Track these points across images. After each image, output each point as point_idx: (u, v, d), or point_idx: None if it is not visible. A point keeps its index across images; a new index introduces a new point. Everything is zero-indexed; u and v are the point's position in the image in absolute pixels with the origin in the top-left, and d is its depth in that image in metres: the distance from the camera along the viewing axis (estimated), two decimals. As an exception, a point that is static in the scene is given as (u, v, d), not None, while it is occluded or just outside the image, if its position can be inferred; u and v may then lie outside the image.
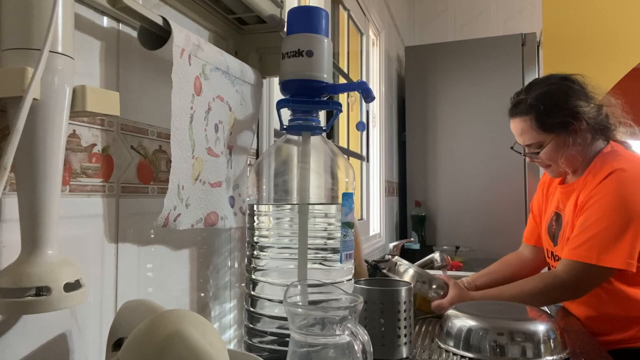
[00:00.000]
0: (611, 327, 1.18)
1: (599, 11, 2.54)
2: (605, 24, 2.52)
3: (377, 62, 2.27)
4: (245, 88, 0.84)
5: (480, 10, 3.15)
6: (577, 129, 1.18)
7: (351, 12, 1.90)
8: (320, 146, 0.79)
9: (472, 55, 2.50)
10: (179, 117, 0.65)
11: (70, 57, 0.48)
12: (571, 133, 1.18)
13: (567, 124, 1.18)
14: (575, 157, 1.21)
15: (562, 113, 1.18)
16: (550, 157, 1.22)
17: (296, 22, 0.78)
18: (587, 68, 2.52)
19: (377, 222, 2.21)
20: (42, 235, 0.46)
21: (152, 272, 0.70)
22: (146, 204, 0.69)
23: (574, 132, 1.18)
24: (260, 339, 0.74)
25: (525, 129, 1.22)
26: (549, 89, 1.21)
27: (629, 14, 2.50)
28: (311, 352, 0.56)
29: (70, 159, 0.56)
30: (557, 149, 1.20)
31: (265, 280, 0.75)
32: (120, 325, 0.54)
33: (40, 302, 0.45)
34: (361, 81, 0.79)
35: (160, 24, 0.63)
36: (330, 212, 0.76)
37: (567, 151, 1.20)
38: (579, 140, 1.19)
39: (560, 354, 0.84)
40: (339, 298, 0.63)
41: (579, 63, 2.55)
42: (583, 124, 1.18)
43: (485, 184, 2.43)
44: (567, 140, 1.19)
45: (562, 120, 1.18)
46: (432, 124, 2.56)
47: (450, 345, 0.88)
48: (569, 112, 1.18)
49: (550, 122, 1.18)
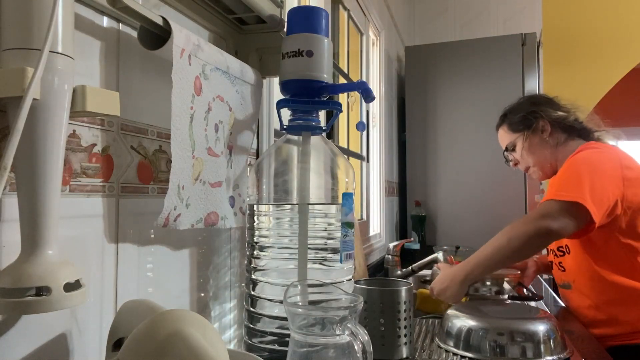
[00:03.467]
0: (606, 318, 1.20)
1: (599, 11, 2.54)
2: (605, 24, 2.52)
3: (377, 62, 2.27)
4: (245, 88, 0.84)
5: (480, 10, 3.15)
6: (541, 127, 1.34)
7: (351, 12, 1.90)
8: (320, 146, 0.79)
9: (472, 55, 2.50)
10: (179, 117, 0.65)
11: (70, 57, 0.48)
12: (536, 131, 1.34)
13: (528, 121, 1.35)
14: (544, 156, 1.34)
15: (523, 111, 1.37)
16: (522, 156, 1.38)
17: (296, 22, 0.78)
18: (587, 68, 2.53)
19: (377, 222, 2.21)
20: (42, 235, 0.46)
21: (152, 272, 0.70)
22: (146, 204, 0.69)
23: (539, 130, 1.34)
24: (260, 339, 0.74)
25: (502, 135, 1.44)
26: (518, 100, 1.44)
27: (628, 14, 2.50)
28: (311, 352, 0.56)
29: (70, 159, 0.56)
30: (525, 147, 1.36)
31: (265, 280, 0.75)
32: (120, 325, 0.54)
33: (40, 302, 0.45)
34: (361, 81, 0.79)
35: (160, 24, 0.63)
36: (330, 212, 0.76)
37: (535, 149, 1.35)
38: (548, 140, 1.34)
39: (560, 354, 0.84)
40: (339, 298, 0.63)
41: (579, 63, 2.56)
42: (544, 122, 1.33)
43: (486, 184, 2.43)
44: (532, 138, 1.35)
45: (523, 117, 1.36)
46: (432, 124, 2.55)
47: (450, 345, 0.88)
48: (530, 111, 1.36)
49: (515, 121, 1.38)
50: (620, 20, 2.51)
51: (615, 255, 1.18)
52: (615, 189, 1.15)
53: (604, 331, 1.20)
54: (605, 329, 1.20)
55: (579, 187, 1.13)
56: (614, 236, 1.18)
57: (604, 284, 1.19)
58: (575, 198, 1.10)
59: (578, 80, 2.53)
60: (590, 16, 2.55)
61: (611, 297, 1.19)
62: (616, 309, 1.18)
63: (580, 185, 1.13)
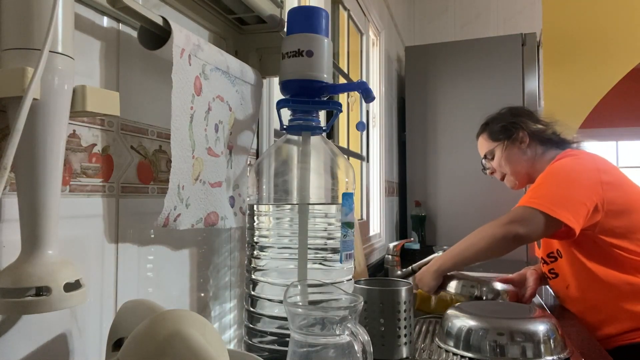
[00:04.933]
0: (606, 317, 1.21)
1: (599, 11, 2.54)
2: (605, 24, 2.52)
3: (377, 62, 2.27)
4: (245, 88, 0.84)
5: (480, 10, 3.15)
6: (519, 138, 1.37)
7: (351, 12, 1.90)
8: (320, 146, 0.79)
9: (472, 55, 2.50)
10: (179, 117, 0.65)
11: (70, 57, 0.48)
12: (515, 141, 1.38)
13: (508, 131, 1.38)
14: (521, 166, 1.38)
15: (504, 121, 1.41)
16: (500, 165, 1.41)
17: (296, 22, 0.78)
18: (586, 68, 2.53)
19: (377, 222, 2.21)
20: (42, 235, 0.46)
21: (152, 272, 0.70)
22: (146, 204, 0.69)
23: (518, 140, 1.37)
24: (260, 339, 0.74)
25: (481, 143, 1.48)
26: (500, 111, 1.47)
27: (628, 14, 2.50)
28: (311, 352, 0.56)
29: (70, 159, 0.56)
30: (503, 156, 1.40)
31: (265, 280, 0.75)
32: (120, 325, 0.54)
33: (40, 302, 0.45)
34: (361, 81, 0.79)
35: (160, 24, 0.63)
36: (330, 212, 0.76)
37: (513, 159, 1.38)
38: (527, 151, 1.37)
39: (560, 354, 0.84)
40: (339, 298, 0.63)
41: (579, 63, 2.56)
42: (523, 133, 1.37)
43: (485, 184, 2.42)
44: (511, 148, 1.38)
45: (504, 127, 1.39)
46: (432, 124, 2.55)
47: (450, 345, 0.88)
48: (510, 121, 1.40)
49: (496, 130, 1.41)
50: (620, 21, 2.51)
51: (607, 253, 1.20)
52: (593, 195, 1.18)
53: (606, 331, 1.20)
54: (607, 329, 1.20)
55: (552, 195, 1.17)
56: (599, 238, 1.20)
57: (600, 283, 1.20)
58: (544, 207, 1.14)
59: (578, 80, 2.53)
60: (590, 16, 2.55)
61: (609, 295, 1.19)
62: (615, 307, 1.19)
63: (553, 194, 1.17)
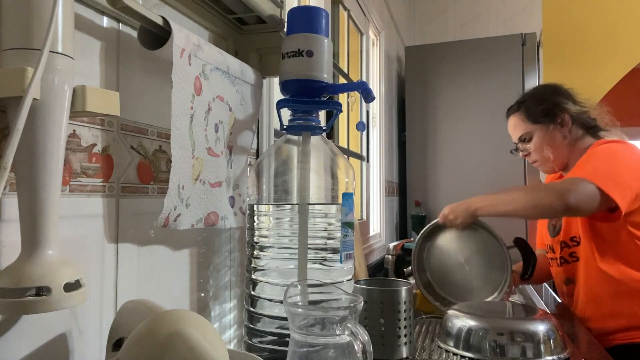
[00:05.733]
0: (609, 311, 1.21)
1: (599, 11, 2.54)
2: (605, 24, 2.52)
3: (377, 62, 2.27)
4: (245, 88, 0.84)
5: (480, 10, 3.15)
6: (561, 120, 1.30)
7: (351, 12, 1.90)
8: (320, 146, 0.79)
9: (472, 55, 2.50)
10: (179, 117, 0.65)
11: (70, 57, 0.48)
12: (557, 124, 1.30)
13: (551, 114, 1.31)
14: (562, 150, 1.31)
15: (546, 103, 1.32)
16: (537, 148, 1.33)
17: (296, 22, 0.78)
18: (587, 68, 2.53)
19: (377, 222, 2.21)
20: (42, 235, 0.46)
21: (152, 272, 0.70)
22: (146, 204, 0.69)
23: (560, 124, 1.30)
24: (260, 339, 0.74)
25: (516, 123, 1.36)
26: (538, 89, 1.39)
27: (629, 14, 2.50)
28: (311, 352, 0.56)
29: (70, 159, 0.56)
30: (545, 140, 1.32)
31: (265, 281, 0.75)
32: (120, 325, 0.54)
33: (40, 302, 0.45)
34: (361, 81, 0.79)
35: (160, 24, 0.63)
36: (330, 212, 0.76)
37: (555, 142, 1.31)
38: (567, 134, 1.31)
39: (560, 354, 0.84)
40: (339, 298, 0.63)
41: (579, 63, 2.56)
42: (567, 117, 1.30)
43: (486, 184, 2.42)
44: (553, 131, 1.31)
45: (546, 109, 1.31)
46: (432, 124, 2.55)
47: (450, 345, 0.88)
48: (553, 103, 1.31)
49: (537, 111, 1.32)
50: (621, 20, 2.51)
51: (625, 247, 1.19)
52: (636, 181, 1.17)
53: (605, 325, 1.20)
54: (607, 323, 1.20)
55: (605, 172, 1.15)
56: (626, 228, 1.19)
57: (610, 277, 1.20)
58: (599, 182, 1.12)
59: (578, 81, 2.52)
60: (590, 16, 2.55)
61: (616, 289, 1.19)
62: (620, 302, 1.19)
63: (605, 171, 1.15)
